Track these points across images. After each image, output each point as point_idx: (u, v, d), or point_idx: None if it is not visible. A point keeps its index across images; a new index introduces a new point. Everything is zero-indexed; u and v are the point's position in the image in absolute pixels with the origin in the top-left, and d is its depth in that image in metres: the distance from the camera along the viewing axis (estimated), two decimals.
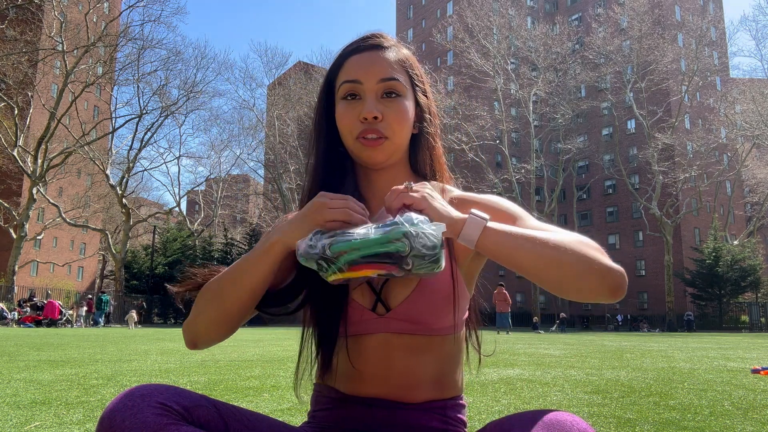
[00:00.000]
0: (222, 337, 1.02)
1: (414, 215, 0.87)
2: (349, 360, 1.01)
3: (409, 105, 1.06)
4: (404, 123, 1.04)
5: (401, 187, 0.93)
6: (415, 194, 0.91)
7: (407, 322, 0.99)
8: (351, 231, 0.88)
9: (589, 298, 0.89)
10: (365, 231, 0.87)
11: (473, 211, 0.92)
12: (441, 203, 0.92)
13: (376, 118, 1.01)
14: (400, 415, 0.99)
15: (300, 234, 0.93)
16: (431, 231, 0.85)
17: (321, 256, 0.86)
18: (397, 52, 1.08)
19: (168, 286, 1.10)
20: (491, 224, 0.91)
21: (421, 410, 1.01)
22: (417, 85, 1.09)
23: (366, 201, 1.10)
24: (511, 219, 1.02)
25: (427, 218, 0.87)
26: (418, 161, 1.12)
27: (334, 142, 1.09)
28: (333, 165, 1.10)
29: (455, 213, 0.92)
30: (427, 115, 1.11)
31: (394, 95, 1.03)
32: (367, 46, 1.06)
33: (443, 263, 0.87)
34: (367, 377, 1.01)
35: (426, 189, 0.94)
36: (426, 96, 1.11)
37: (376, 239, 0.84)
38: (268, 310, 1.04)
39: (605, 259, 0.89)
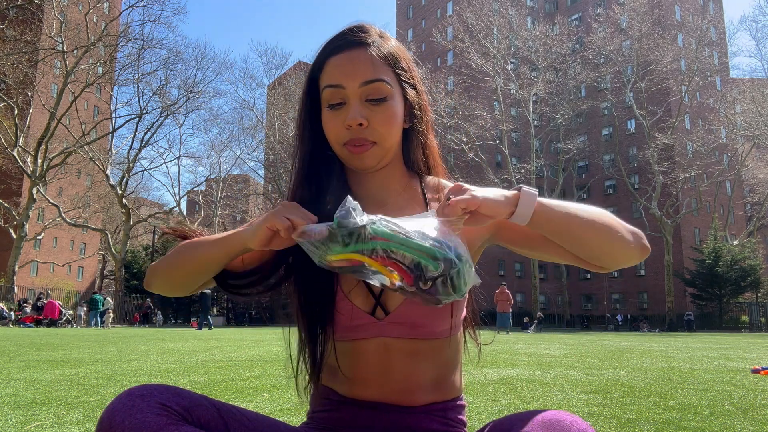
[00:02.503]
0: (170, 293, 1.07)
1: (464, 249, 0.83)
2: (347, 363, 1.01)
3: (397, 104, 1.01)
4: (391, 126, 1.00)
5: (442, 203, 0.89)
6: (461, 198, 0.86)
7: (406, 326, 0.99)
8: (396, 220, 0.84)
9: (625, 260, 0.95)
10: (414, 227, 0.83)
11: (523, 187, 0.90)
12: (489, 191, 0.89)
13: (361, 124, 0.97)
14: (401, 418, 0.99)
15: (255, 234, 0.92)
16: (469, 276, 0.82)
17: (355, 230, 0.81)
18: (381, 47, 1.01)
19: (161, 227, 1.14)
20: (541, 198, 0.90)
21: (421, 413, 1.00)
22: (404, 81, 1.03)
23: (359, 200, 1.09)
24: None
25: (471, 262, 0.84)
26: (411, 157, 1.09)
27: (322, 144, 1.05)
28: (320, 166, 1.07)
29: (507, 192, 0.90)
30: (417, 111, 1.06)
31: (379, 98, 0.98)
32: (347, 43, 0.99)
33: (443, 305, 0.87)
34: (367, 381, 1.00)
35: (467, 191, 0.89)
36: (415, 89, 1.05)
37: (419, 245, 0.81)
38: (232, 288, 1.05)
39: (625, 223, 0.96)
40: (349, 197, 0.85)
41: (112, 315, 27.43)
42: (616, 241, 0.94)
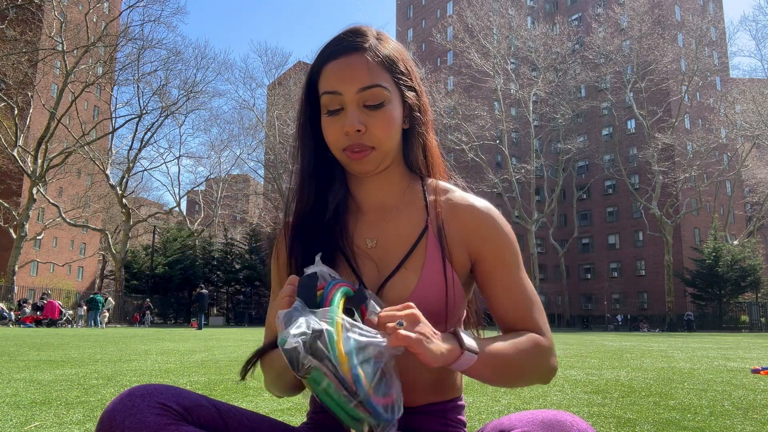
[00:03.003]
0: (287, 395, 1.06)
1: (397, 407, 0.79)
2: None
3: (395, 109, 1.01)
4: (390, 130, 1.00)
5: (393, 325, 0.81)
6: (410, 335, 0.80)
7: None
8: (344, 339, 0.76)
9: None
10: (359, 357, 0.76)
11: (466, 351, 0.86)
12: (436, 345, 0.83)
13: (359, 131, 0.97)
14: (400, 418, 0.99)
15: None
16: None
17: (293, 367, 0.75)
18: (378, 51, 1.00)
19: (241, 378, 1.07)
20: (481, 357, 0.88)
21: (421, 413, 1.00)
22: (402, 83, 1.03)
23: (359, 202, 1.09)
24: (503, 266, 1.02)
25: (399, 409, 0.79)
26: (411, 158, 1.09)
27: (321, 148, 1.05)
28: (320, 169, 1.07)
29: (448, 351, 0.85)
30: (417, 113, 1.06)
31: (377, 104, 0.98)
32: (344, 48, 0.99)
33: None
34: None
35: (420, 329, 0.83)
36: (414, 90, 1.05)
37: (343, 405, 0.75)
38: None
39: (552, 360, 1.00)
40: (294, 326, 0.77)
41: (107, 314, 27.17)
42: (526, 384, 1.00)
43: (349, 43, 1.00)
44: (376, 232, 1.06)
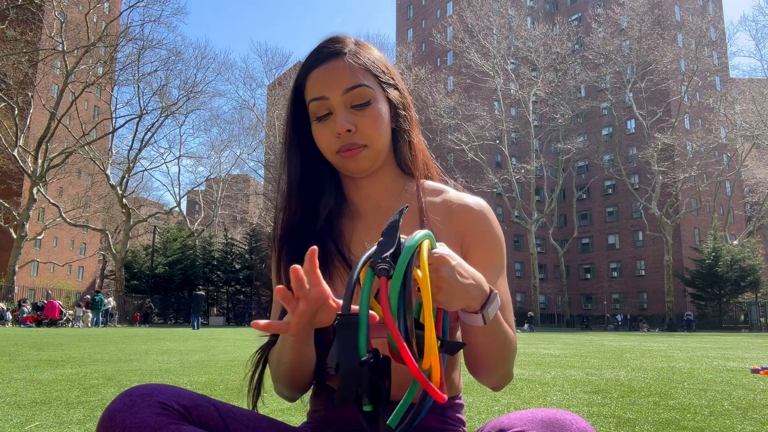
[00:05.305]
0: (297, 395, 1.05)
1: None
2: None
3: (382, 106, 1.03)
4: (379, 128, 1.02)
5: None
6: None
7: None
8: None
9: (489, 380, 0.98)
10: None
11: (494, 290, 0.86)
12: (466, 271, 0.80)
13: (349, 130, 0.99)
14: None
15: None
16: None
17: None
18: (358, 54, 1.03)
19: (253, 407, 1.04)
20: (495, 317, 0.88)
21: None
22: (385, 83, 1.05)
23: (356, 206, 1.10)
24: (487, 267, 1.00)
25: None
26: (400, 157, 1.11)
27: (311, 156, 1.06)
28: (309, 178, 1.08)
29: (483, 283, 0.83)
30: (402, 111, 1.08)
31: (363, 103, 1.00)
32: (325, 56, 1.02)
33: None
34: None
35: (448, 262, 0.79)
36: (397, 89, 1.08)
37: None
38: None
39: (513, 362, 0.99)
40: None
41: (90, 314, 26.66)
42: (499, 379, 0.98)
43: (329, 50, 1.03)
44: (374, 236, 1.06)
